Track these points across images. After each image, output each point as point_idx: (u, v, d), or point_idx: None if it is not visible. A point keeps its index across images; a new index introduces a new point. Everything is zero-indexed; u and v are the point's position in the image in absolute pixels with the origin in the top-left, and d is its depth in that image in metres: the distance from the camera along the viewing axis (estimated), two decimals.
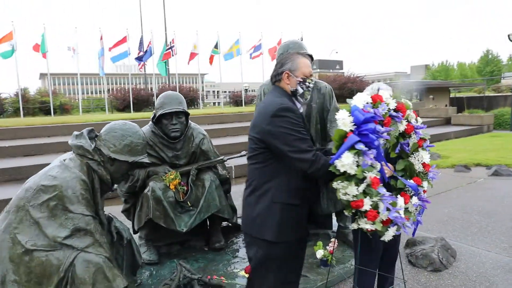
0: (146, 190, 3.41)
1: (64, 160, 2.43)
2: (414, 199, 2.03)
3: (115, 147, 2.49)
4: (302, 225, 2.04)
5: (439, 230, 4.50)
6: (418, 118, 2.21)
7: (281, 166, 1.92)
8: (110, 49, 17.24)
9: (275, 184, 1.93)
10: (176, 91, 19.33)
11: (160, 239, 3.70)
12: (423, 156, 2.13)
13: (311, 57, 3.47)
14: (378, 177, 1.81)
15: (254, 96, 25.01)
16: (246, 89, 34.73)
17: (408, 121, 2.10)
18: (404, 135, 2.12)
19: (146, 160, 2.64)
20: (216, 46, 19.76)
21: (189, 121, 3.67)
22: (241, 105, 23.29)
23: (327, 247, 3.34)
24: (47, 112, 17.83)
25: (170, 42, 18.68)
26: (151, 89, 22.80)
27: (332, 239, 3.39)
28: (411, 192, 2.08)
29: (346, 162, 1.73)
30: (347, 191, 1.77)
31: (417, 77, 49.63)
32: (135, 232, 3.65)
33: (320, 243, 3.33)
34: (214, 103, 39.97)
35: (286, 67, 2.05)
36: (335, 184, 1.79)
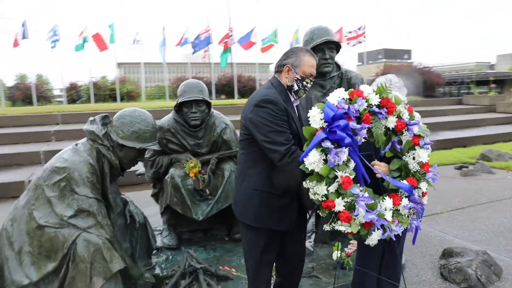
0: (166, 177, 3.50)
1: (77, 145, 2.58)
2: (405, 201, 1.85)
3: (123, 133, 2.57)
4: (285, 216, 2.01)
5: (488, 242, 4.02)
6: (416, 113, 2.00)
7: (263, 154, 1.94)
8: (178, 44, 17.91)
9: (257, 171, 1.99)
10: (234, 80, 19.65)
11: (182, 225, 3.79)
12: (420, 154, 1.92)
13: (336, 44, 3.26)
14: (351, 176, 1.71)
15: None
16: None
17: (399, 117, 1.91)
18: (396, 132, 1.94)
19: (155, 147, 2.69)
20: (274, 35, 19.62)
21: (212, 110, 3.67)
22: None
23: (346, 249, 3.15)
24: (115, 99, 19.26)
25: (229, 31, 18.90)
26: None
27: (352, 241, 3.19)
28: (403, 193, 1.88)
29: (312, 160, 1.68)
30: (316, 190, 1.70)
31: (503, 67, 44.73)
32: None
33: (338, 243, 3.15)
34: None
35: (289, 61, 2.03)
36: (304, 184, 1.74)
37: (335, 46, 3.28)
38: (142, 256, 3.12)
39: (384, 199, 1.82)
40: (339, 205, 1.69)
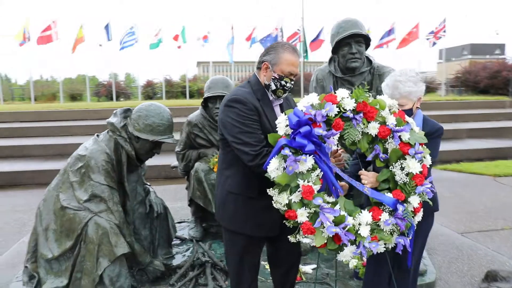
0: (192, 170, 3.62)
1: (98, 135, 2.79)
2: (385, 216, 1.67)
3: (138, 126, 2.72)
4: (265, 221, 1.89)
5: None
6: (409, 119, 1.81)
7: (237, 155, 1.85)
8: (248, 38, 18.32)
9: (231, 173, 1.92)
10: (301, 79, 19.39)
11: (208, 219, 3.88)
12: (410, 165, 1.72)
13: (365, 38, 3.04)
14: (315, 185, 1.61)
15: None
16: None
17: (383, 123, 1.73)
18: (381, 140, 1.77)
19: (169, 140, 2.80)
20: None
21: None
22: None
23: (364, 258, 2.95)
24: (186, 96, 20.42)
25: (299, 29, 18.71)
26: None
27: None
28: (387, 208, 1.70)
29: (272, 167, 1.62)
30: (277, 199, 1.65)
31: None
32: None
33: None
34: None
35: (267, 58, 1.90)
36: (268, 192, 1.69)
37: (364, 40, 3.06)
38: (162, 244, 3.28)
39: (361, 212, 1.67)
40: (302, 215, 1.61)
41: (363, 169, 1.90)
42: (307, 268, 3.04)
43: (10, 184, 6.43)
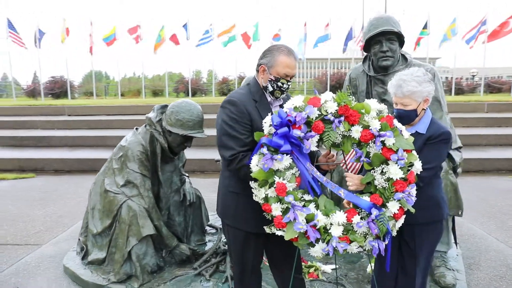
0: None
1: (137, 129, 3.14)
2: (356, 218, 1.68)
3: (170, 121, 3.02)
4: (263, 218, 1.88)
5: None
6: (397, 123, 1.76)
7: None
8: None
9: (231, 173, 1.98)
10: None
11: None
12: (391, 170, 1.68)
13: (398, 35, 2.90)
14: (289, 183, 1.70)
15: (478, 84, 20.72)
16: (473, 76, 29.22)
17: (367, 127, 1.71)
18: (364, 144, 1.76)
19: (198, 135, 3.04)
20: (425, 27, 17.66)
21: None
22: (461, 94, 19.19)
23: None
24: None
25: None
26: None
27: None
28: (362, 210, 1.71)
29: (253, 164, 1.73)
30: (255, 193, 1.76)
31: None
32: None
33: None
34: None
35: (263, 61, 1.96)
36: (251, 184, 1.79)
37: (397, 37, 2.94)
38: (196, 231, 3.57)
39: (335, 212, 1.70)
40: (276, 210, 1.70)
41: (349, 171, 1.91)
42: (326, 268, 3.06)
43: (91, 169, 7.36)
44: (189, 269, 3.03)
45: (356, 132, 1.73)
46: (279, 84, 1.92)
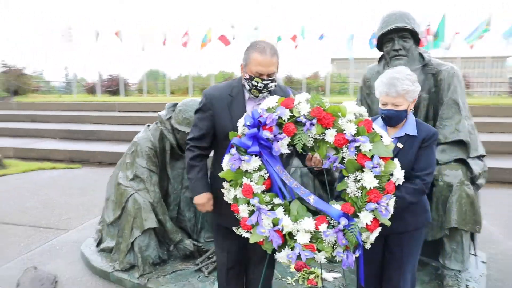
0: None
1: (148, 126, 3.27)
2: (323, 227, 1.59)
3: (178, 119, 3.10)
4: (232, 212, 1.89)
5: None
6: (377, 128, 1.66)
7: (218, 153, 1.97)
8: None
9: (213, 171, 2.00)
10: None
11: None
12: (365, 178, 1.57)
13: (412, 33, 2.71)
14: (256, 185, 1.67)
15: None
16: None
17: (341, 131, 1.62)
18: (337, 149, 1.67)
19: None
20: (486, 23, 16.27)
21: None
22: None
23: None
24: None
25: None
26: None
27: None
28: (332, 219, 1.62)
29: (224, 163, 1.73)
30: (225, 193, 1.76)
31: None
32: None
33: None
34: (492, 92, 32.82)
35: (242, 59, 1.92)
36: (224, 184, 1.79)
37: (412, 34, 2.73)
38: (206, 228, 3.62)
39: (303, 219, 1.64)
40: (243, 211, 1.68)
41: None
42: (328, 276, 2.96)
43: None
44: (192, 265, 3.09)
45: (331, 136, 1.65)
46: (253, 83, 1.84)
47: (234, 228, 1.78)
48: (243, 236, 1.94)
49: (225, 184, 1.78)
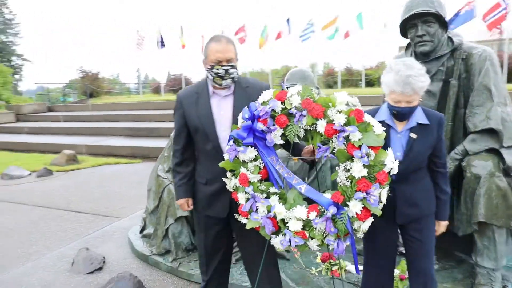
0: None
1: None
2: (312, 215, 1.62)
3: None
4: (218, 203, 2.03)
5: None
6: (369, 117, 1.63)
7: (196, 149, 2.11)
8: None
9: (197, 164, 2.15)
10: None
11: None
12: (354, 168, 1.57)
13: (437, 16, 2.54)
14: (252, 174, 1.76)
15: None
16: None
17: (331, 121, 1.64)
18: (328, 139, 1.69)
19: None
20: None
21: None
22: None
23: (397, 271, 2.62)
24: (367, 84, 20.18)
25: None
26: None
27: None
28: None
29: (225, 154, 1.85)
30: (227, 182, 1.87)
31: None
32: None
33: (403, 261, 2.66)
34: None
35: (203, 54, 2.00)
36: (228, 174, 1.88)
37: (436, 18, 2.55)
38: None
39: (295, 207, 1.69)
40: (241, 199, 1.79)
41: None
42: (353, 268, 2.93)
43: None
44: None
45: (321, 126, 1.68)
46: (214, 70, 1.90)
47: (235, 215, 1.89)
48: (223, 226, 2.09)
49: (228, 173, 1.89)
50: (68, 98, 23.29)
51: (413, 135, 1.83)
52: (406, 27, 2.71)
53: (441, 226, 2.01)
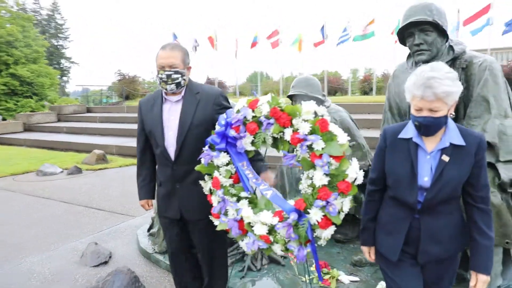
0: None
1: None
2: (274, 220, 1.67)
3: None
4: (170, 205, 2.14)
5: None
6: (334, 127, 1.67)
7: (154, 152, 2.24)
8: (465, 23, 15.83)
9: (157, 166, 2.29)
10: None
11: None
12: (315, 176, 1.59)
13: (436, 25, 2.49)
14: (223, 178, 1.84)
15: None
16: None
17: (296, 130, 1.69)
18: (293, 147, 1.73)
19: None
20: None
21: (330, 104, 3.71)
22: None
23: None
24: None
25: None
26: None
27: None
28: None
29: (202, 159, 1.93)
30: (203, 185, 1.98)
31: None
32: None
33: None
34: None
35: None
36: (206, 177, 1.98)
37: (434, 27, 2.49)
38: None
39: (261, 212, 1.74)
40: (214, 201, 1.88)
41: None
42: (345, 278, 2.91)
43: None
44: None
45: (288, 134, 1.73)
46: (159, 76, 2.00)
47: (210, 217, 1.97)
48: (180, 228, 2.19)
49: (206, 177, 1.98)
50: (110, 100, 24.52)
51: (445, 158, 1.54)
52: (404, 35, 2.68)
53: (480, 282, 1.62)
